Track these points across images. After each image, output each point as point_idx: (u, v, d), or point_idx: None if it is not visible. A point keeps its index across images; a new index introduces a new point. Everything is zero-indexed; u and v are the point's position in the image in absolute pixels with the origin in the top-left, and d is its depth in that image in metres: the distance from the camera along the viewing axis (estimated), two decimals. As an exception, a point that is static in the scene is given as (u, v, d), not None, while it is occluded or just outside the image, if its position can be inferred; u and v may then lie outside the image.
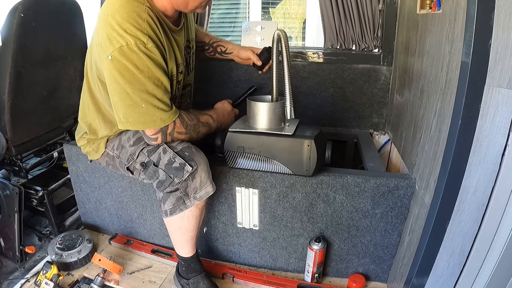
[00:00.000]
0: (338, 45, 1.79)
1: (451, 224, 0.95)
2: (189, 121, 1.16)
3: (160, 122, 1.07)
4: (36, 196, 1.51)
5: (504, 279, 0.94)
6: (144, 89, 1.01)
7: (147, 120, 1.06)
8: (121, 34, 0.97)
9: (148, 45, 0.99)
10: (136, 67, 0.99)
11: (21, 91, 1.38)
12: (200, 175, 1.12)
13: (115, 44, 0.97)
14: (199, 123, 1.19)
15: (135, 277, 1.39)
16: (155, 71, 1.02)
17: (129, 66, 0.98)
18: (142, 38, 0.98)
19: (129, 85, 1.00)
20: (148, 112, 1.04)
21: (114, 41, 0.97)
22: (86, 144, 1.30)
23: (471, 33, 0.81)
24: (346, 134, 1.83)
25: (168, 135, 1.12)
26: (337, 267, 1.40)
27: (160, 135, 1.11)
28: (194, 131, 1.18)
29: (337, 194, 1.27)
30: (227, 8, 3.15)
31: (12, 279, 1.37)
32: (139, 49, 0.98)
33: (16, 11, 1.27)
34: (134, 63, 0.98)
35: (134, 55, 0.98)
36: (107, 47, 0.99)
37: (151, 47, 1.00)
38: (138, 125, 1.07)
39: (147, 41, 0.99)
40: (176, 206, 1.14)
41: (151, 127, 1.08)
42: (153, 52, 1.01)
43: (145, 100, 1.03)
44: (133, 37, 0.97)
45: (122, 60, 0.98)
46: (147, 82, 1.01)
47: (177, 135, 1.14)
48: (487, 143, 0.85)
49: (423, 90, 1.21)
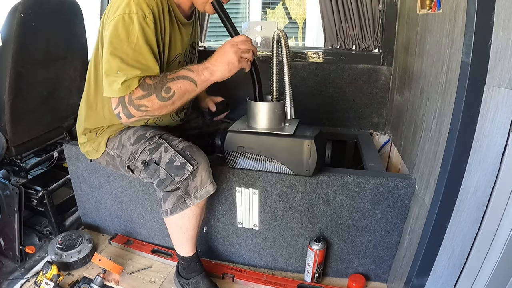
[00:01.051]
0: (338, 45, 1.79)
1: (451, 224, 0.95)
2: (150, 81, 1.03)
3: (118, 91, 1.00)
4: (36, 196, 1.51)
5: (504, 279, 0.94)
6: (123, 57, 1.00)
7: (112, 87, 1.01)
8: (128, 4, 1.00)
9: (147, 18, 1.01)
10: (127, 36, 1.00)
11: (21, 91, 1.38)
12: (201, 174, 1.13)
13: (119, 11, 1.01)
14: (164, 79, 1.03)
15: (135, 277, 1.39)
16: (143, 46, 1.02)
17: (121, 33, 1.00)
18: (145, 11, 1.01)
19: (112, 49, 1.01)
20: (115, 80, 1.00)
21: (120, 9, 1.01)
22: (87, 142, 1.30)
23: (471, 33, 0.81)
24: (346, 134, 1.83)
25: (128, 104, 1.02)
26: (337, 267, 1.40)
27: (120, 108, 1.03)
28: (157, 89, 1.01)
29: (337, 194, 1.27)
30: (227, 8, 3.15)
31: (12, 279, 1.37)
32: (137, 19, 1.00)
33: (16, 11, 1.27)
34: (127, 31, 1.00)
35: (130, 24, 1.00)
36: (113, 14, 1.02)
37: (149, 22, 1.02)
38: (105, 91, 1.04)
39: (148, 14, 1.01)
40: (176, 205, 1.14)
41: (111, 95, 1.03)
42: (149, 26, 1.02)
43: (120, 68, 1.00)
44: (137, 7, 1.00)
45: (118, 26, 1.00)
46: (129, 52, 1.01)
47: (137, 100, 1.01)
48: (487, 143, 0.85)
49: (423, 90, 1.21)
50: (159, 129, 1.24)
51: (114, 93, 1.02)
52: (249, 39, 1.11)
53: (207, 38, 2.00)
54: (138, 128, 1.23)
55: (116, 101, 1.04)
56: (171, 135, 1.21)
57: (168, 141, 1.17)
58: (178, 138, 1.19)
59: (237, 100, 1.57)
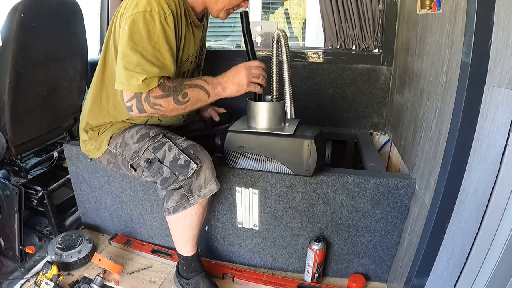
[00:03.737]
0: (338, 45, 1.79)
1: (451, 224, 0.95)
2: (169, 84, 1.08)
3: (137, 87, 1.03)
4: (36, 196, 1.51)
5: (504, 279, 0.94)
6: (143, 53, 1.02)
7: (129, 81, 1.03)
8: (149, 1, 1.02)
9: (168, 19, 1.04)
10: (148, 33, 1.02)
11: (21, 91, 1.38)
12: (205, 173, 1.13)
13: (140, 8, 1.02)
14: (183, 85, 1.09)
15: (135, 277, 1.39)
16: (162, 45, 1.05)
17: (142, 30, 1.02)
18: (166, 11, 1.03)
19: (133, 45, 1.02)
20: (134, 75, 1.02)
21: (140, 5, 1.02)
22: (88, 141, 1.30)
23: (471, 33, 0.81)
24: (346, 134, 1.83)
25: (144, 101, 1.05)
26: (337, 267, 1.40)
27: (134, 101, 1.06)
28: (176, 92, 1.07)
29: (337, 194, 1.27)
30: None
31: (12, 279, 1.37)
32: (158, 19, 1.02)
33: (16, 11, 1.27)
34: (148, 29, 1.02)
35: (151, 22, 1.02)
36: (132, 9, 1.03)
37: (170, 22, 1.05)
38: (120, 84, 1.05)
39: (168, 15, 1.04)
40: (179, 203, 1.14)
41: (127, 89, 1.05)
42: (170, 27, 1.05)
43: (139, 63, 1.02)
44: (158, 6, 1.02)
45: (139, 23, 1.02)
46: (149, 49, 1.03)
47: (155, 99, 1.06)
48: (487, 143, 0.85)
49: (423, 90, 1.21)
50: (162, 128, 1.25)
51: (132, 88, 1.04)
52: (262, 65, 1.19)
53: (207, 38, 1.99)
54: (142, 127, 1.23)
55: (130, 94, 1.06)
56: (174, 134, 1.22)
57: (172, 139, 1.17)
58: (182, 137, 1.20)
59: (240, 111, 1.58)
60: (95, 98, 1.25)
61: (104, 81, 1.22)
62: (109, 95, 1.23)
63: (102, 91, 1.23)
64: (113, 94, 1.22)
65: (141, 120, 1.26)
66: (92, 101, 1.26)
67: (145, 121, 1.27)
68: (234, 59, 1.77)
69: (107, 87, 1.22)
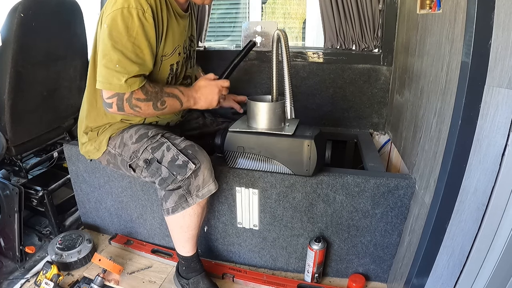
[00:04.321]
0: (338, 45, 1.79)
1: (451, 224, 0.95)
2: (151, 88, 1.11)
3: (119, 87, 1.04)
4: (36, 196, 1.51)
5: (504, 279, 0.94)
6: (123, 51, 1.03)
7: (110, 81, 1.03)
8: None
9: (147, 13, 1.04)
10: (127, 30, 1.02)
11: (21, 91, 1.38)
12: (203, 173, 1.13)
13: (118, 5, 1.02)
14: (163, 92, 1.13)
15: (135, 277, 1.39)
16: (142, 40, 1.05)
17: (120, 27, 1.02)
18: (144, 6, 1.03)
19: (112, 43, 1.02)
20: (115, 74, 1.03)
21: (118, 2, 1.02)
22: (88, 142, 1.30)
23: (471, 33, 0.81)
24: (346, 134, 1.83)
25: (125, 101, 1.07)
26: (337, 267, 1.40)
27: (115, 99, 1.06)
28: (157, 99, 1.11)
29: (337, 194, 1.27)
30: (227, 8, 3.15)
31: (12, 279, 1.37)
32: (136, 14, 1.02)
33: (16, 11, 1.27)
34: (127, 26, 1.02)
35: (129, 18, 1.02)
36: (111, 7, 1.03)
37: (148, 17, 1.04)
38: (101, 83, 1.05)
39: (146, 9, 1.03)
40: (178, 204, 1.14)
41: (108, 89, 1.05)
42: (148, 21, 1.05)
43: (119, 61, 1.02)
44: (136, 2, 1.02)
45: (118, 20, 1.02)
46: (129, 46, 1.03)
47: (136, 101, 1.08)
48: (487, 143, 0.85)
49: (423, 90, 1.21)
50: (161, 128, 1.25)
51: (113, 87, 1.04)
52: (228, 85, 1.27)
53: (207, 38, 2.00)
54: (140, 127, 1.23)
55: (111, 92, 1.06)
56: (173, 134, 1.22)
57: (170, 140, 1.17)
58: (180, 137, 1.20)
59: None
60: (90, 101, 1.25)
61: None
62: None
63: (96, 94, 1.22)
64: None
65: (138, 120, 1.26)
66: (88, 104, 1.25)
67: (142, 120, 1.27)
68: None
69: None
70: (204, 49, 1.94)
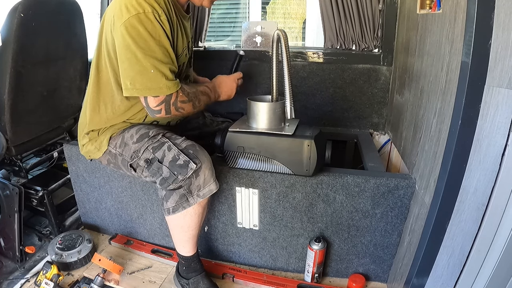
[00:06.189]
0: (338, 45, 1.79)
1: (451, 224, 0.95)
2: (189, 89, 1.17)
3: (166, 89, 1.08)
4: (36, 196, 1.51)
5: (504, 279, 0.94)
6: (154, 55, 1.05)
7: (154, 86, 1.07)
8: (139, 2, 1.03)
9: (162, 16, 1.06)
10: (149, 34, 1.04)
11: (21, 91, 1.38)
12: (204, 173, 1.13)
13: (132, 11, 1.02)
14: (197, 92, 1.21)
15: (135, 277, 1.39)
16: (165, 41, 1.07)
17: (143, 32, 1.03)
18: (158, 9, 1.05)
19: (140, 50, 1.04)
20: (155, 78, 1.06)
21: (131, 8, 1.03)
22: (88, 142, 1.29)
23: (471, 33, 0.81)
24: (346, 134, 1.83)
25: (172, 105, 1.12)
26: (337, 267, 1.40)
27: (163, 106, 1.11)
28: (196, 98, 1.19)
29: (337, 194, 1.27)
30: (227, 8, 3.15)
31: (12, 279, 1.37)
32: (154, 18, 1.04)
33: (16, 11, 1.27)
34: (148, 30, 1.04)
35: (149, 22, 1.03)
36: (123, 15, 1.03)
37: (164, 20, 1.07)
38: (145, 91, 1.08)
39: (161, 13, 1.06)
40: (179, 203, 1.14)
41: (157, 94, 1.08)
42: (165, 24, 1.07)
43: (154, 66, 1.05)
44: (150, 6, 1.04)
45: (137, 26, 1.03)
46: (157, 50, 1.06)
47: (181, 104, 1.14)
48: (487, 143, 0.85)
49: (423, 90, 1.21)
50: (161, 128, 1.25)
51: (160, 91, 1.07)
52: (241, 75, 1.42)
53: (207, 38, 2.00)
54: (141, 127, 1.23)
55: (160, 99, 1.09)
56: (174, 134, 1.22)
57: (171, 139, 1.17)
58: (181, 137, 1.20)
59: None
60: (93, 107, 1.24)
61: (101, 89, 1.21)
62: (107, 103, 1.22)
63: (100, 100, 1.22)
64: (111, 101, 1.21)
65: (138, 118, 1.26)
66: (90, 110, 1.25)
67: (142, 119, 1.27)
68: (234, 59, 1.77)
69: (104, 95, 1.21)
70: (204, 49, 1.95)
